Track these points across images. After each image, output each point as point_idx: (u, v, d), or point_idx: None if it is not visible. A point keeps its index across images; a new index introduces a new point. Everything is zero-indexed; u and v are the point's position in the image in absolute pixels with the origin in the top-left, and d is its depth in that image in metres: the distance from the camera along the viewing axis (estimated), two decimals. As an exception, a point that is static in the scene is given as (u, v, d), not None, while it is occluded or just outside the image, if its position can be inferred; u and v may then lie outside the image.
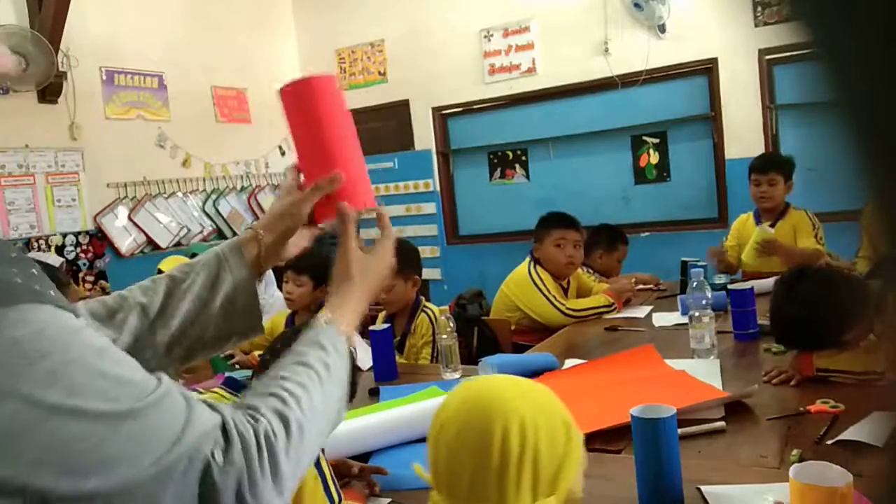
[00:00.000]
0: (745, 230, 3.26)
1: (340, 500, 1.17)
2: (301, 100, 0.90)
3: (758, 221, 3.20)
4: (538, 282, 2.79)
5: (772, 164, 3.14)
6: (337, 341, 0.73)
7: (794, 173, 3.11)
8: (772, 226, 3.10)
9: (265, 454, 0.58)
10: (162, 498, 0.52)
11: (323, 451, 1.18)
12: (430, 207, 5.54)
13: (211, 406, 0.58)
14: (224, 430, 0.57)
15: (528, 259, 2.94)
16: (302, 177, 0.92)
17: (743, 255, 3.12)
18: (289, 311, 2.75)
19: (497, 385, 0.88)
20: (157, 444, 0.52)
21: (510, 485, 0.80)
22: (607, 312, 2.73)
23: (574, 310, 2.73)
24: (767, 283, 2.78)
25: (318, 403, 0.65)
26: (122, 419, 0.51)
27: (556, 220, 2.91)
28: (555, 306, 2.72)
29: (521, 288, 2.84)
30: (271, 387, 0.64)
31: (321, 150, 0.90)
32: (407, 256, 2.61)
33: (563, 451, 0.84)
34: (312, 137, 0.89)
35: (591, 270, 3.23)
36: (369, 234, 1.17)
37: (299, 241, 0.92)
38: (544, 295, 2.75)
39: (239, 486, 0.56)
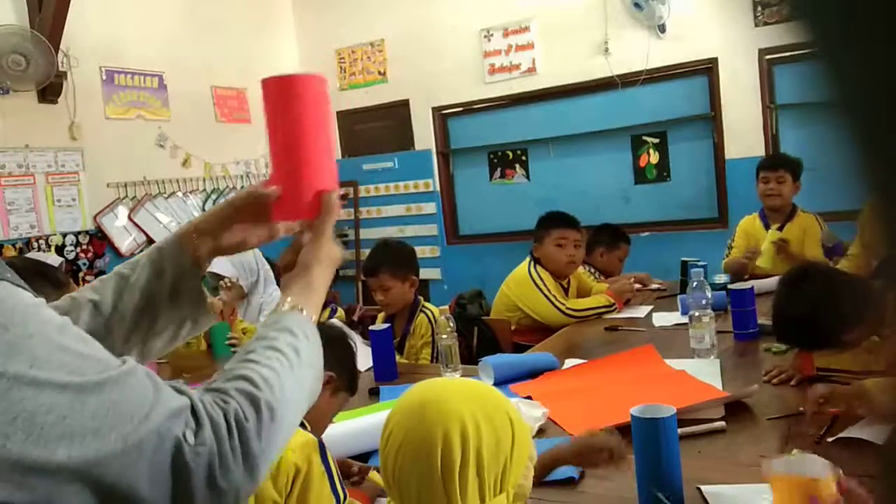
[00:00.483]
0: (753, 231, 3.23)
1: (345, 497, 1.17)
2: (285, 96, 0.89)
3: (764, 222, 3.19)
4: (538, 281, 2.78)
5: (781, 162, 3.12)
6: (305, 326, 0.73)
7: (802, 174, 3.09)
8: (780, 228, 3.09)
9: (235, 436, 0.58)
10: (134, 474, 0.52)
11: (327, 448, 1.18)
12: (430, 207, 5.54)
13: (178, 389, 0.58)
14: (194, 411, 0.57)
15: (528, 259, 2.94)
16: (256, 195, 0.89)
17: (759, 262, 3.08)
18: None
19: (438, 390, 0.88)
20: (124, 419, 0.52)
21: (456, 490, 0.80)
22: (607, 312, 2.73)
23: (574, 310, 2.73)
24: (769, 282, 2.78)
25: (290, 388, 0.65)
26: (86, 391, 0.51)
27: (557, 220, 2.91)
28: (555, 306, 2.72)
29: (521, 288, 2.83)
30: (241, 370, 0.64)
31: (285, 149, 0.88)
32: (404, 258, 2.61)
33: (509, 449, 0.84)
34: (289, 134, 0.88)
35: (592, 269, 3.23)
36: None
37: (229, 239, 0.88)
38: (544, 294, 2.75)
39: (210, 467, 0.56)
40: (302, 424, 1.19)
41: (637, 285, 3.09)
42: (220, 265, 2.68)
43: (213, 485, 0.56)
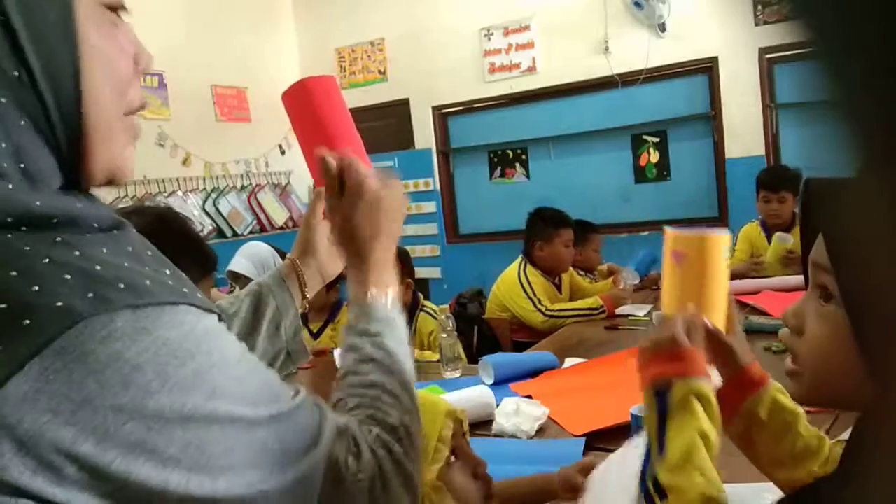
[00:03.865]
0: (755, 239, 3.25)
1: None
2: (300, 102, 0.91)
3: (766, 231, 3.19)
4: (525, 284, 2.81)
5: (782, 182, 3.10)
6: (378, 312, 0.72)
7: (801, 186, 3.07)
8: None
9: (389, 461, 0.58)
10: (295, 497, 0.51)
11: None
12: (430, 206, 5.54)
13: (339, 416, 0.58)
14: (354, 438, 0.57)
15: (519, 259, 2.96)
16: (322, 208, 0.95)
17: (766, 270, 3.09)
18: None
19: None
20: (292, 451, 0.51)
21: None
22: (594, 315, 2.71)
23: (553, 310, 2.73)
24: (773, 282, 2.78)
25: (401, 392, 0.65)
26: (258, 425, 0.50)
27: (563, 221, 2.94)
28: (536, 309, 2.74)
29: (509, 289, 2.87)
30: (357, 398, 0.64)
31: (318, 143, 0.90)
32: (399, 258, 2.61)
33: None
34: (314, 138, 0.90)
35: (579, 270, 3.23)
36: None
37: (332, 253, 0.95)
38: (529, 297, 2.78)
39: (371, 492, 0.56)
40: None
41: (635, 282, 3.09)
42: (239, 264, 2.68)
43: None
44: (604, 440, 1.39)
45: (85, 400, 0.42)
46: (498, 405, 1.58)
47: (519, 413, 1.52)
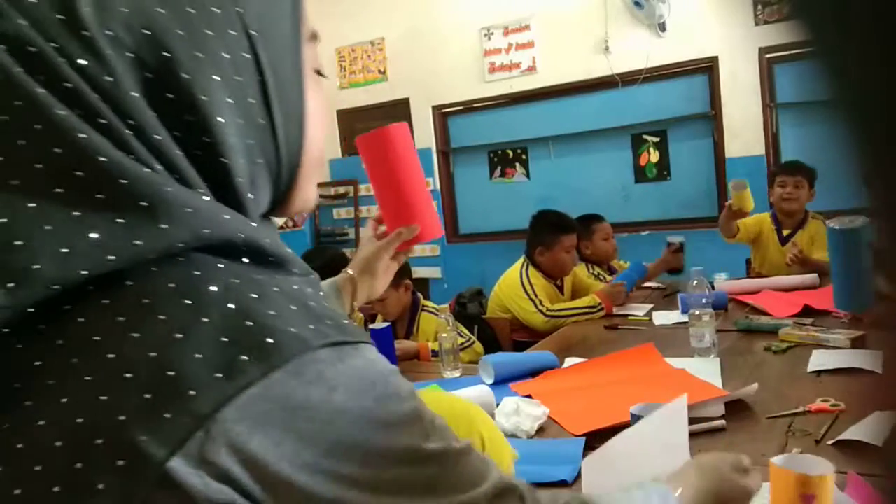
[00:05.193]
0: (762, 228, 3.23)
1: None
2: (378, 148, 1.04)
3: (776, 224, 3.18)
4: (527, 286, 2.81)
5: (799, 168, 3.09)
6: (667, 499, 0.74)
7: (816, 182, 3.08)
8: (790, 236, 3.11)
9: None
10: None
11: None
12: (430, 206, 5.54)
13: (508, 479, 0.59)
14: (521, 496, 0.57)
15: (521, 260, 2.96)
16: (381, 227, 1.16)
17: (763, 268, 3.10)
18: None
19: None
20: (457, 489, 0.53)
21: None
22: (593, 313, 2.71)
23: (553, 310, 2.74)
24: (774, 281, 2.78)
25: None
26: (438, 458, 0.52)
27: (567, 226, 2.93)
28: (538, 310, 2.75)
29: (511, 290, 2.87)
30: (590, 498, 0.66)
31: (399, 198, 1.07)
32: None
33: None
34: (389, 184, 1.02)
35: (590, 265, 3.24)
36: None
37: (386, 277, 1.17)
38: (531, 299, 2.78)
39: None
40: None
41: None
42: None
43: None
44: (604, 440, 1.39)
45: (311, 428, 0.47)
46: (498, 405, 1.58)
47: (519, 413, 1.52)
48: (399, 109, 5.58)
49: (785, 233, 3.15)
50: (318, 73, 0.62)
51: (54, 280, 0.44)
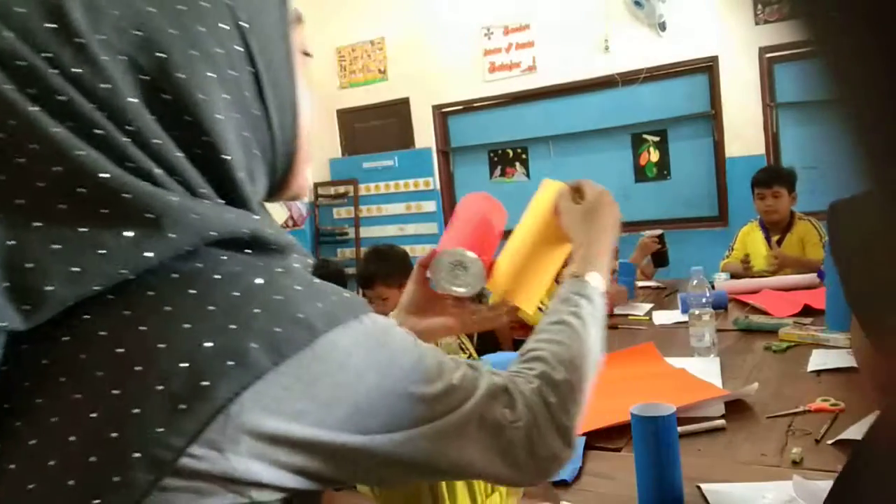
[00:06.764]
0: (751, 239, 3.28)
1: None
2: (478, 207, 1.06)
3: (764, 232, 3.22)
4: None
5: (775, 178, 3.16)
6: (582, 289, 0.78)
7: (796, 184, 3.13)
8: (780, 241, 3.14)
9: (545, 413, 0.63)
10: (464, 450, 0.57)
11: None
12: (430, 206, 5.54)
13: (495, 373, 0.64)
14: (507, 391, 0.62)
15: None
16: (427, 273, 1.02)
17: (755, 269, 3.11)
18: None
19: None
20: (454, 407, 0.58)
21: (443, 492, 0.81)
22: None
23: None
24: (766, 281, 2.78)
25: (579, 357, 0.70)
26: (445, 394, 0.57)
27: None
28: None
29: None
30: (536, 351, 0.70)
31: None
32: (395, 265, 2.60)
33: None
34: (473, 236, 0.99)
35: None
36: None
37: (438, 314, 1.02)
38: None
39: (529, 438, 0.61)
40: None
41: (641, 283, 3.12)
42: None
43: (534, 453, 0.61)
44: (604, 439, 1.39)
45: (334, 395, 0.51)
46: (498, 404, 1.58)
47: (519, 412, 1.52)
48: (399, 109, 5.58)
49: (774, 238, 3.18)
50: (305, 53, 0.61)
51: (68, 299, 0.44)
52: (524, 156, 5.25)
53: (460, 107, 5.42)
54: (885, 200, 0.22)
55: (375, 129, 5.74)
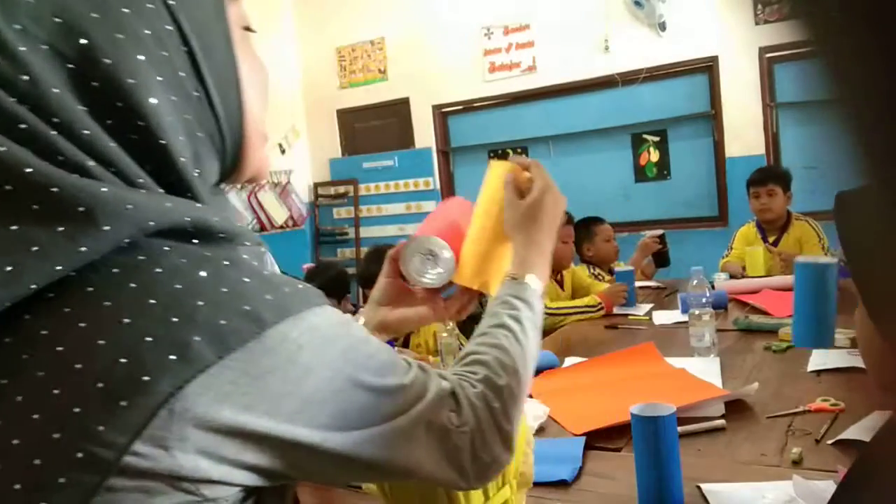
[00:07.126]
0: (749, 240, 3.30)
1: None
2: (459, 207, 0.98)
3: (761, 233, 3.23)
4: None
5: (769, 176, 3.18)
6: (521, 292, 0.78)
7: (791, 184, 3.14)
8: (776, 241, 3.15)
9: (489, 418, 0.63)
10: (411, 455, 0.58)
11: None
12: (430, 206, 5.54)
13: (442, 375, 0.63)
14: (454, 394, 0.62)
15: None
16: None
17: (749, 272, 3.11)
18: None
19: None
20: (401, 410, 0.58)
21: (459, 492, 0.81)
22: (591, 312, 2.71)
23: (552, 308, 2.74)
24: (761, 282, 2.78)
25: (520, 362, 0.70)
26: (395, 392, 0.57)
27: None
28: None
29: None
30: (479, 354, 0.70)
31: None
32: None
33: None
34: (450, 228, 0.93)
35: (592, 267, 3.25)
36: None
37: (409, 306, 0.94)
38: None
39: (473, 443, 0.61)
40: None
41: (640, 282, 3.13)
42: None
43: (477, 458, 0.61)
44: (604, 439, 1.40)
45: (283, 388, 0.49)
46: (498, 404, 1.58)
47: (519, 412, 1.52)
48: (399, 109, 5.58)
49: (770, 238, 3.18)
50: (248, 28, 0.59)
51: (4, 300, 0.43)
52: (524, 156, 5.25)
53: (460, 107, 5.42)
54: (885, 200, 0.22)
55: (375, 129, 5.74)
